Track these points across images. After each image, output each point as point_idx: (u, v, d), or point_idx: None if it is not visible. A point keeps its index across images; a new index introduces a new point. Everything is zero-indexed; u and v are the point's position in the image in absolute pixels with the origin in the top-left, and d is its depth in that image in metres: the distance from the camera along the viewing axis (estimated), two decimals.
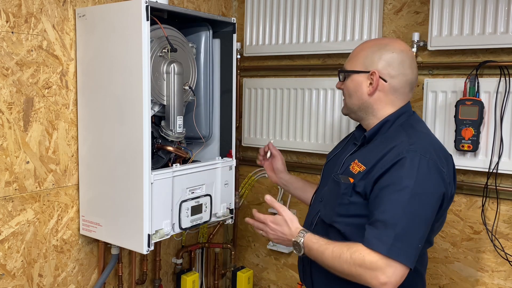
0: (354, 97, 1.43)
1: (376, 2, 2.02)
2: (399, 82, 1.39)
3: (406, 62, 1.38)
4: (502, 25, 1.75)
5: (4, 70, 1.57)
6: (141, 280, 2.14)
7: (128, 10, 1.57)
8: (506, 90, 1.76)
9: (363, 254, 1.23)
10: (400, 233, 1.22)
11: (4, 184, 1.60)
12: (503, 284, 1.88)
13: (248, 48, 2.39)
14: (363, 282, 1.25)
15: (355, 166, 1.39)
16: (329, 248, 1.29)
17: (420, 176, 1.26)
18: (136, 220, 1.60)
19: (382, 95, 1.40)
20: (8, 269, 1.64)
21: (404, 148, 1.30)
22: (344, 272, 1.27)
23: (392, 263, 1.21)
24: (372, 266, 1.22)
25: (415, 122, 1.43)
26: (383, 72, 1.38)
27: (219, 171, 1.85)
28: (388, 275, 1.20)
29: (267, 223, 1.43)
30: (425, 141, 1.35)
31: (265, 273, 2.58)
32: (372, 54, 1.40)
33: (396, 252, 1.21)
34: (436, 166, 1.29)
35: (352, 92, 1.43)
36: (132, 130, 1.59)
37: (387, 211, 1.24)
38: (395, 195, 1.25)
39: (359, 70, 1.41)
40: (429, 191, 1.27)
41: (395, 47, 1.39)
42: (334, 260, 1.28)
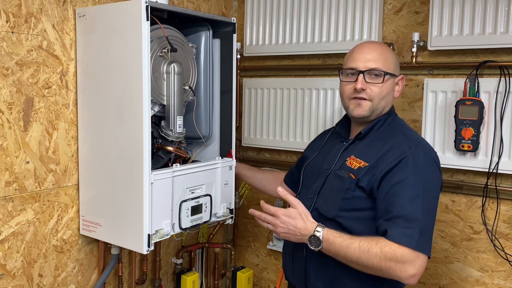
0: (386, 99, 1.49)
1: (376, 2, 2.02)
2: None
3: None
4: (502, 25, 1.75)
5: (4, 70, 1.57)
6: (141, 280, 2.14)
7: (128, 10, 1.57)
8: (506, 90, 1.76)
9: (394, 248, 1.28)
10: (423, 226, 1.30)
11: (4, 184, 1.60)
12: (503, 284, 1.88)
13: (248, 48, 2.39)
14: (391, 275, 1.30)
15: (353, 162, 1.44)
16: (355, 243, 1.32)
17: (427, 172, 1.37)
18: (136, 220, 1.60)
19: None
20: (8, 269, 1.64)
21: (406, 145, 1.39)
22: (371, 266, 1.31)
23: (420, 256, 1.29)
24: (403, 259, 1.27)
25: (400, 121, 1.56)
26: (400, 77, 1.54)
27: (219, 171, 1.85)
28: (416, 267, 1.28)
29: (278, 215, 1.43)
30: (419, 137, 1.48)
31: (265, 273, 2.58)
32: (396, 61, 1.53)
33: (422, 245, 1.29)
34: (434, 160, 1.41)
35: (387, 94, 1.49)
36: (132, 130, 1.59)
37: (406, 207, 1.31)
38: (408, 191, 1.32)
39: (395, 74, 1.51)
40: (436, 184, 1.39)
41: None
42: (362, 254, 1.30)
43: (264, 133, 2.38)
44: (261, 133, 2.39)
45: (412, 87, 2.03)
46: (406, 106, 2.05)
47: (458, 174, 1.96)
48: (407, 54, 2.02)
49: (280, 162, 2.43)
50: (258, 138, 2.40)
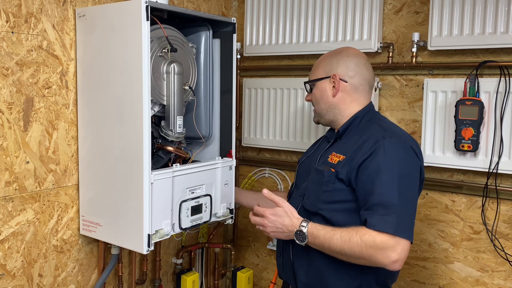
0: (321, 102, 1.59)
1: (376, 2, 2.01)
2: (358, 80, 1.55)
3: (361, 63, 1.56)
4: (502, 25, 1.75)
5: (4, 70, 1.57)
6: (141, 280, 2.14)
7: (128, 10, 1.57)
8: (506, 90, 1.76)
9: (373, 235, 1.31)
10: (401, 212, 1.32)
11: (4, 184, 1.60)
12: (503, 284, 1.88)
13: (248, 48, 2.39)
14: (374, 263, 1.33)
15: (334, 157, 1.50)
16: (337, 234, 1.37)
17: (401, 157, 1.40)
18: (136, 220, 1.60)
19: (346, 95, 1.55)
20: (8, 269, 1.64)
21: (380, 135, 1.43)
22: (354, 255, 1.35)
23: (400, 241, 1.31)
24: (383, 245, 1.30)
25: (381, 117, 1.59)
26: (342, 74, 1.55)
27: (219, 171, 1.85)
28: (398, 252, 1.30)
29: (266, 215, 1.51)
30: (396, 128, 1.51)
31: (265, 273, 2.58)
32: (330, 61, 1.58)
33: (402, 230, 1.31)
34: (409, 146, 1.43)
35: (319, 98, 1.59)
36: (132, 130, 1.59)
37: (383, 194, 1.34)
38: (384, 178, 1.36)
39: (321, 77, 1.58)
40: (412, 169, 1.41)
41: (349, 52, 1.58)
42: (344, 244, 1.35)
43: (264, 133, 2.38)
44: (261, 133, 2.39)
45: (412, 87, 2.03)
46: (406, 106, 2.05)
47: (458, 174, 1.96)
48: (407, 54, 2.02)
49: (280, 162, 2.43)
50: (258, 138, 2.40)
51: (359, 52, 1.60)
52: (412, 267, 2.09)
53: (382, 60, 2.08)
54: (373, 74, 1.60)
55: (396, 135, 1.44)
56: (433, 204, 2.02)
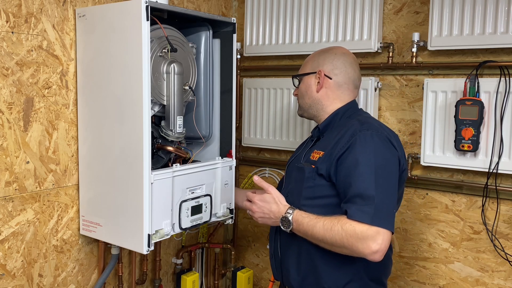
0: (306, 97, 1.63)
1: (376, 2, 2.01)
2: (343, 78, 1.59)
3: (347, 62, 1.60)
4: (502, 25, 1.75)
5: (4, 70, 1.57)
6: (141, 280, 2.14)
7: (128, 10, 1.57)
8: (506, 90, 1.76)
9: (353, 225, 1.33)
10: (378, 202, 1.34)
11: (4, 184, 1.60)
12: (503, 284, 1.88)
13: (248, 48, 2.39)
14: (355, 252, 1.34)
15: (315, 154, 1.53)
16: (320, 222, 1.40)
17: (377, 149, 1.41)
18: (136, 220, 1.60)
19: (329, 91, 1.59)
20: (8, 269, 1.64)
21: (357, 128, 1.46)
22: (336, 244, 1.37)
23: (380, 231, 1.32)
24: (363, 235, 1.32)
25: (362, 113, 1.62)
26: (327, 71, 1.59)
27: (219, 171, 1.85)
28: (378, 242, 1.31)
29: (254, 200, 1.57)
30: (374, 121, 1.54)
31: (265, 273, 2.58)
32: (318, 58, 1.63)
33: (380, 221, 1.32)
34: (386, 138, 1.44)
35: (304, 92, 1.64)
36: (132, 130, 1.59)
37: (360, 186, 1.36)
38: (361, 170, 1.37)
39: (307, 72, 1.64)
40: (389, 159, 1.43)
41: (337, 50, 1.62)
42: (326, 232, 1.38)
43: (264, 133, 2.38)
44: (261, 133, 2.39)
45: (412, 87, 2.03)
46: (406, 106, 2.05)
47: (458, 174, 1.96)
48: (407, 54, 2.02)
49: (280, 162, 2.43)
50: (258, 138, 2.40)
51: (348, 52, 1.64)
52: (412, 267, 2.09)
53: (382, 60, 2.08)
54: (359, 75, 1.63)
55: (373, 127, 1.46)
56: (433, 204, 2.02)
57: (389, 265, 1.58)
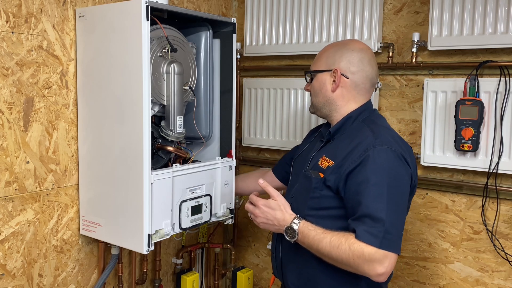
0: (320, 95, 1.54)
1: (376, 2, 2.01)
2: (360, 77, 1.49)
3: (365, 59, 1.49)
4: (502, 25, 1.75)
5: (4, 70, 1.57)
6: (141, 280, 2.14)
7: (128, 10, 1.57)
8: (506, 90, 1.76)
9: (361, 246, 1.29)
10: (388, 225, 1.30)
11: (4, 184, 1.60)
12: (503, 284, 1.88)
13: (248, 48, 2.39)
14: (359, 272, 1.33)
15: (324, 162, 1.47)
16: (327, 237, 1.35)
17: (391, 167, 1.35)
18: (136, 220, 1.60)
19: (345, 91, 1.50)
20: (8, 269, 1.64)
21: (371, 143, 1.38)
22: (341, 262, 1.34)
23: (388, 254, 1.29)
24: (370, 258, 1.29)
25: (376, 118, 1.52)
26: (344, 69, 1.49)
27: (219, 171, 1.85)
28: (385, 265, 1.29)
29: (258, 205, 1.50)
30: (388, 134, 1.43)
31: (265, 273, 2.58)
32: (334, 54, 1.51)
33: (388, 244, 1.29)
34: (400, 154, 1.37)
35: (318, 90, 1.54)
36: (132, 130, 1.59)
37: (370, 206, 1.31)
38: (372, 190, 1.32)
39: (322, 70, 1.52)
40: (401, 179, 1.37)
41: (355, 46, 1.50)
42: (332, 249, 1.34)
43: (264, 133, 2.38)
44: (261, 133, 2.39)
45: (412, 87, 2.03)
46: (406, 106, 2.05)
47: (458, 174, 1.96)
48: (407, 54, 2.02)
49: None
50: (258, 138, 2.40)
51: (366, 47, 1.53)
52: (412, 267, 2.09)
53: (382, 60, 2.09)
54: (377, 72, 1.54)
55: (387, 143, 1.38)
56: (433, 204, 2.02)
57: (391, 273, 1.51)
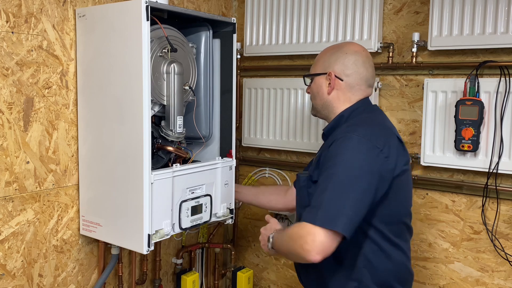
0: (318, 98, 1.58)
1: (376, 2, 2.01)
2: (354, 79, 1.52)
3: (359, 61, 1.52)
4: (502, 25, 1.75)
5: (4, 70, 1.57)
6: (141, 280, 2.14)
7: (128, 10, 1.57)
8: (506, 90, 1.76)
9: (293, 226, 1.32)
10: (324, 203, 1.28)
11: (4, 184, 1.60)
12: (503, 284, 1.88)
13: (248, 48, 2.39)
14: (297, 256, 1.30)
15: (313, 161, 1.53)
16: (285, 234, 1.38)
17: (349, 152, 1.34)
18: (136, 220, 1.60)
19: (340, 93, 1.53)
20: (8, 269, 1.64)
21: (341, 131, 1.41)
22: (289, 252, 1.34)
23: (313, 230, 1.25)
24: (296, 235, 1.29)
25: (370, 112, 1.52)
26: (338, 72, 1.52)
27: (219, 171, 1.85)
28: (308, 242, 1.25)
29: (261, 230, 1.56)
30: (364, 123, 1.44)
31: (265, 273, 2.58)
32: (329, 57, 1.55)
33: (315, 218, 1.26)
34: (368, 143, 1.35)
35: (315, 93, 1.59)
36: (132, 130, 1.59)
37: (318, 188, 1.34)
38: (325, 173, 1.35)
39: (319, 73, 1.57)
40: (361, 164, 1.33)
41: (349, 49, 1.54)
42: (283, 243, 1.37)
43: (264, 133, 2.38)
44: (261, 133, 2.39)
45: (412, 87, 2.03)
46: (406, 106, 2.05)
47: (458, 174, 1.96)
48: (407, 54, 2.02)
49: (280, 162, 2.43)
50: (258, 138, 2.40)
51: (360, 49, 1.55)
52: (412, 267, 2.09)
53: (382, 60, 2.08)
54: (373, 72, 1.56)
55: (357, 131, 1.37)
56: (433, 204, 2.02)
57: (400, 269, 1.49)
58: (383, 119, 1.54)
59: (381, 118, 1.53)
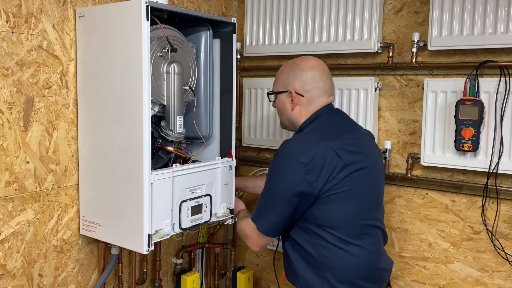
0: (283, 114, 1.69)
1: (376, 2, 2.01)
2: (314, 94, 1.62)
3: (317, 76, 1.61)
4: (502, 25, 1.75)
5: (4, 70, 1.57)
6: (141, 280, 2.14)
7: (128, 10, 1.57)
8: (506, 90, 1.76)
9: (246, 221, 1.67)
10: (259, 208, 1.60)
11: (4, 184, 1.60)
12: (503, 284, 1.88)
13: (248, 48, 2.39)
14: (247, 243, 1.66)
15: None
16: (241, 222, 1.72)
17: (277, 170, 1.54)
18: (136, 220, 1.60)
19: (302, 108, 1.63)
20: (8, 269, 1.64)
21: None
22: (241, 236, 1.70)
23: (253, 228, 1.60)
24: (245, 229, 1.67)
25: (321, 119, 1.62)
26: (298, 89, 1.62)
27: (219, 171, 1.85)
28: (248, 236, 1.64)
29: None
30: (305, 134, 1.58)
31: (265, 273, 2.58)
32: (288, 75, 1.65)
33: (253, 218, 1.61)
34: (293, 159, 1.49)
35: (281, 110, 1.69)
36: (132, 130, 1.59)
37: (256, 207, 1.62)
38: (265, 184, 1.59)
39: (280, 91, 1.67)
40: (282, 181, 1.52)
41: (306, 65, 1.63)
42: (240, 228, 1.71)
43: (264, 133, 2.38)
44: (261, 133, 2.39)
45: (412, 87, 2.03)
46: (406, 106, 2.05)
47: (458, 174, 1.96)
48: (407, 54, 2.02)
49: None
50: (258, 138, 2.40)
51: (316, 63, 1.63)
52: (412, 267, 2.09)
53: (382, 60, 2.09)
54: (331, 83, 1.64)
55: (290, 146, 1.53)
56: (433, 204, 2.02)
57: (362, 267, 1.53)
58: (335, 123, 1.62)
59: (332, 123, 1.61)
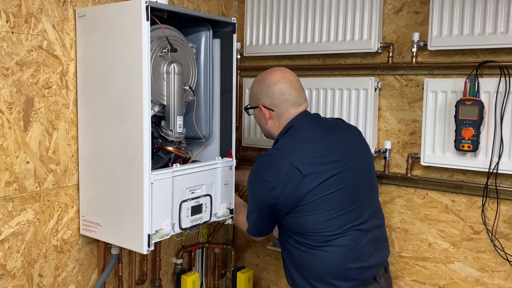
0: (261, 127, 1.78)
1: (376, 2, 2.01)
2: (283, 107, 1.67)
3: (283, 89, 1.66)
4: (502, 25, 1.75)
5: (4, 70, 1.57)
6: (141, 280, 2.14)
7: (128, 10, 1.57)
8: (506, 90, 1.76)
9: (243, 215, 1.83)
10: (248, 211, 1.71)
11: (4, 184, 1.60)
12: (503, 284, 1.88)
13: (248, 48, 2.39)
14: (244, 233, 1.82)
15: None
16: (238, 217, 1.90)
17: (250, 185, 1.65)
18: (136, 220, 1.60)
19: (275, 121, 1.71)
20: (8, 269, 1.64)
21: None
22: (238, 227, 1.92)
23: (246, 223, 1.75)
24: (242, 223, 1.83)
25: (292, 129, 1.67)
26: (267, 104, 1.69)
27: (219, 171, 1.85)
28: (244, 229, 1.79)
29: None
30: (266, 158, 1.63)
31: (265, 273, 2.58)
32: (256, 91, 1.72)
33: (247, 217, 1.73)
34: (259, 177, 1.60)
35: (258, 123, 1.79)
36: (132, 130, 1.59)
37: None
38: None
39: (253, 106, 1.75)
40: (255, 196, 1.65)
41: (270, 81, 1.67)
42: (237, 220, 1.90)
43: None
44: (261, 133, 2.39)
45: (412, 87, 2.03)
46: (406, 106, 2.05)
47: (458, 174, 1.96)
48: (407, 54, 2.02)
49: None
50: (258, 138, 2.40)
51: (281, 76, 1.67)
52: (412, 267, 2.09)
53: (382, 60, 2.09)
54: (300, 93, 1.69)
55: (259, 165, 1.62)
56: (433, 204, 2.02)
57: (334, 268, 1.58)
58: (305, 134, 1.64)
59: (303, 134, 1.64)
